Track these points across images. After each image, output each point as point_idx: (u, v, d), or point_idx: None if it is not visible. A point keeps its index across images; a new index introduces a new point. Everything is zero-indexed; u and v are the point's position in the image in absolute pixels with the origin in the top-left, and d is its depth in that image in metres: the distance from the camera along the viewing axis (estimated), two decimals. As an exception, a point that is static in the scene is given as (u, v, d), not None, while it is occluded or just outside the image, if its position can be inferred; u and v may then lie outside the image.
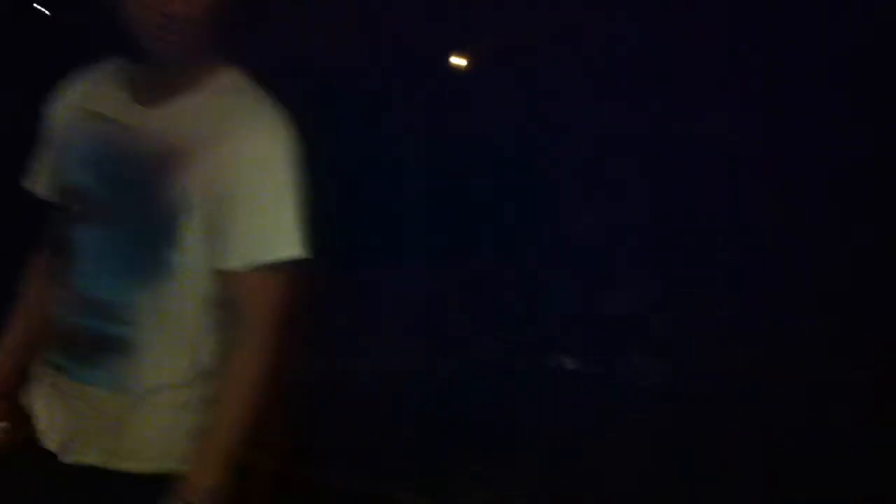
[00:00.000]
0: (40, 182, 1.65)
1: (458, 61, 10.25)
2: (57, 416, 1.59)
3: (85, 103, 1.59)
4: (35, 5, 8.33)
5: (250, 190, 1.52)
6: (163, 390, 1.56)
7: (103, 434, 1.56)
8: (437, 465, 4.15)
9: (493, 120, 9.26)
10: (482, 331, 6.37)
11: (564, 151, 8.45)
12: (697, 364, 5.91)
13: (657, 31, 8.35)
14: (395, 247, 7.08)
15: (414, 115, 9.15)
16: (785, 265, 6.66)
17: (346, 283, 6.17)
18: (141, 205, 1.52)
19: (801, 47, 7.84)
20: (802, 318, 6.01)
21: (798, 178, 7.16)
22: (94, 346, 1.55)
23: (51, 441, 1.59)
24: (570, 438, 4.59)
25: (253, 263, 1.53)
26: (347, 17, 9.02)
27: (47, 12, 8.47)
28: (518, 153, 8.94)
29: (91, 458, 1.57)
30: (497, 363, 5.91)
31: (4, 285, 1.79)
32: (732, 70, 7.75)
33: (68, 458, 1.57)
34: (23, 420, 1.62)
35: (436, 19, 8.98)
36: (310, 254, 1.57)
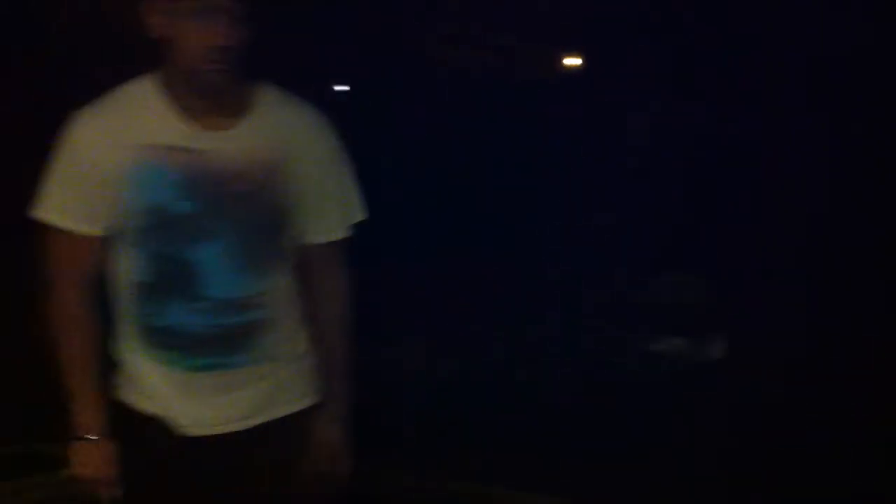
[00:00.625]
0: (89, 221, 1.74)
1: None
2: (206, 406, 1.82)
3: (144, 139, 1.71)
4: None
5: (326, 179, 1.86)
6: (298, 344, 1.91)
7: (265, 398, 1.85)
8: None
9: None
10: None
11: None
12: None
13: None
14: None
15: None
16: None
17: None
18: (251, 214, 1.76)
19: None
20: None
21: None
22: (239, 336, 1.80)
23: (188, 423, 1.82)
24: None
25: (339, 235, 1.92)
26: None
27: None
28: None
29: (256, 420, 1.86)
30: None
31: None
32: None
33: (230, 428, 1.83)
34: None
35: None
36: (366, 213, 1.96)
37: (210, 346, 1.79)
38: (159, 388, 1.82)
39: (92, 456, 1.80)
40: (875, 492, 4.04)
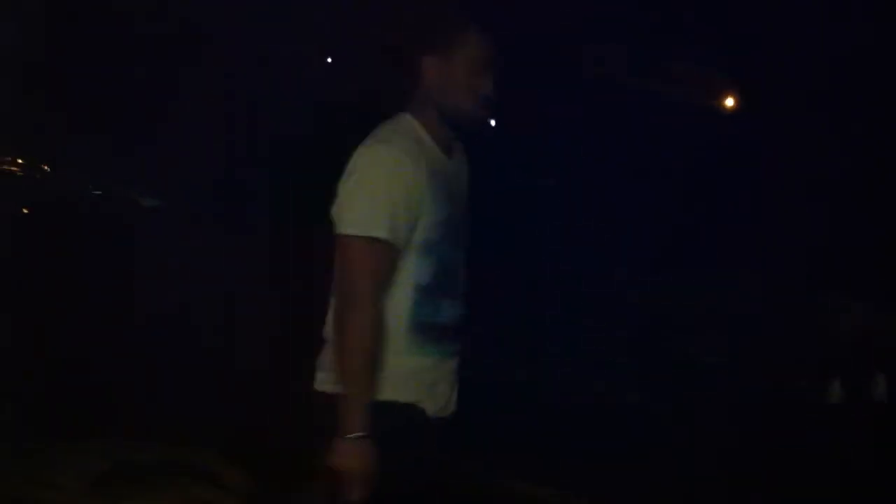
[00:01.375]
0: (400, 233, 2.03)
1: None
2: (447, 390, 2.14)
3: (428, 164, 2.06)
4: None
5: None
6: None
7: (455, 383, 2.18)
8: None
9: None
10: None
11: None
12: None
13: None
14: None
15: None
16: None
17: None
18: (466, 221, 2.18)
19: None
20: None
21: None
22: (460, 327, 2.14)
23: (435, 408, 2.11)
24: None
25: None
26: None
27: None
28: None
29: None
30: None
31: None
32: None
33: (447, 412, 2.15)
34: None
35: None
36: None
37: (451, 336, 2.13)
38: (421, 379, 2.09)
39: (362, 453, 1.97)
40: (875, 492, 4.04)
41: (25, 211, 8.66)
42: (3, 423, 4.09)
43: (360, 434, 1.97)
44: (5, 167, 9.35)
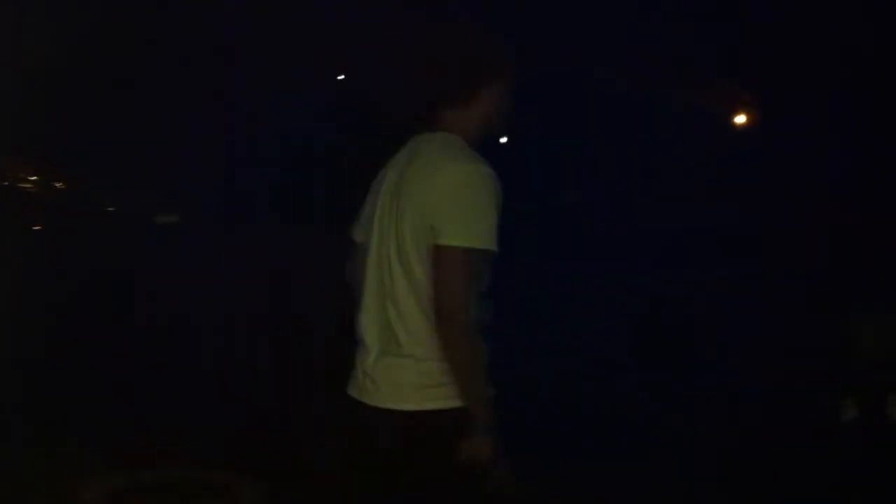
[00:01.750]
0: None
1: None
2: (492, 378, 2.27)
3: None
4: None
5: None
6: None
7: None
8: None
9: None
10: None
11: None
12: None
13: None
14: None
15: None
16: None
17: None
18: None
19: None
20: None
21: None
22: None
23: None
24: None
25: None
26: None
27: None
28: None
29: None
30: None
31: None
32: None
33: None
34: None
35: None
36: None
37: (488, 332, 2.24)
38: (489, 372, 2.20)
39: (490, 445, 2.17)
40: (875, 493, 4.04)
41: (38, 228, 8.71)
42: (26, 435, 4.12)
43: (488, 429, 2.16)
44: (20, 184, 9.40)
